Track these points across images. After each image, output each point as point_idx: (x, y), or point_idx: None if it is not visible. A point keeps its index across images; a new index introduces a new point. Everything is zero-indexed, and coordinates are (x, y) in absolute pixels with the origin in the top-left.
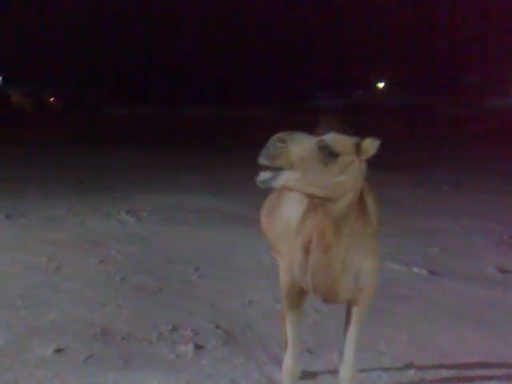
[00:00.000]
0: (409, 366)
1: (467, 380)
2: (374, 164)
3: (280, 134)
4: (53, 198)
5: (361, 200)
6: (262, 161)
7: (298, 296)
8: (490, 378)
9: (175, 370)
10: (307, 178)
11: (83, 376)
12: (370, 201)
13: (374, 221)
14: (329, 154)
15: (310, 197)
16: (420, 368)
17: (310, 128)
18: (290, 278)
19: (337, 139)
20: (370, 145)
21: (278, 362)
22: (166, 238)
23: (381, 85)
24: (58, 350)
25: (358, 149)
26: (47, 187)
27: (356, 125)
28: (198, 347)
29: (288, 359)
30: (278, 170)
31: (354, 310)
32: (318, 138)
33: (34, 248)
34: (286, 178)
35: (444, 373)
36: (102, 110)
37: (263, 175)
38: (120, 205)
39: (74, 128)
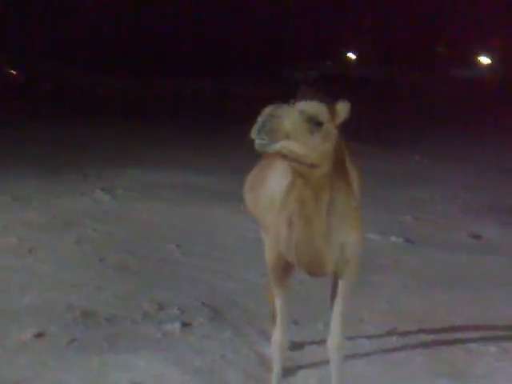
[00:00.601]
0: (391, 333)
1: (447, 343)
2: (347, 135)
3: (269, 109)
4: (18, 176)
5: (344, 172)
6: (258, 137)
7: (284, 271)
8: (469, 341)
9: (163, 349)
10: (299, 148)
11: (67, 360)
12: (353, 174)
13: (357, 194)
14: (315, 124)
15: (300, 164)
16: (401, 334)
17: (288, 100)
18: (276, 252)
19: (318, 108)
20: (343, 108)
21: (266, 335)
22: (144, 216)
23: (352, 56)
24: (38, 335)
25: (332, 113)
26: (10, 165)
27: (330, 96)
28: (184, 325)
29: (277, 333)
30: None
31: (340, 283)
32: (302, 109)
33: (2, 230)
34: (282, 145)
35: (425, 337)
36: (70, 83)
37: (261, 140)
38: (93, 182)
39: (38, 102)
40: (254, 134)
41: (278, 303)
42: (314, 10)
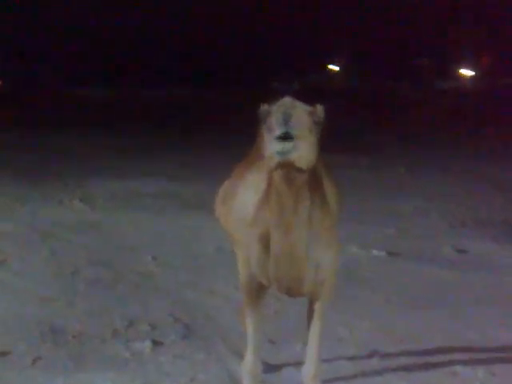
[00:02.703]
0: (372, 355)
1: (431, 365)
2: (333, 146)
3: (287, 101)
4: None
5: (320, 188)
6: (284, 128)
7: (257, 292)
8: (454, 363)
9: (130, 369)
10: (304, 148)
11: (30, 380)
12: (330, 191)
13: (333, 213)
14: (315, 122)
15: (292, 167)
16: (383, 356)
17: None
18: (248, 271)
19: (313, 107)
20: (321, 111)
21: (239, 354)
22: (122, 226)
23: (335, 68)
24: (3, 354)
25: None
26: None
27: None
28: (155, 343)
29: (248, 358)
30: (291, 139)
31: (316, 305)
32: (304, 105)
33: None
34: (301, 148)
35: (407, 359)
36: (55, 91)
37: (284, 145)
38: (73, 192)
39: (23, 110)
40: (278, 124)
41: (250, 327)
42: (298, 21)
